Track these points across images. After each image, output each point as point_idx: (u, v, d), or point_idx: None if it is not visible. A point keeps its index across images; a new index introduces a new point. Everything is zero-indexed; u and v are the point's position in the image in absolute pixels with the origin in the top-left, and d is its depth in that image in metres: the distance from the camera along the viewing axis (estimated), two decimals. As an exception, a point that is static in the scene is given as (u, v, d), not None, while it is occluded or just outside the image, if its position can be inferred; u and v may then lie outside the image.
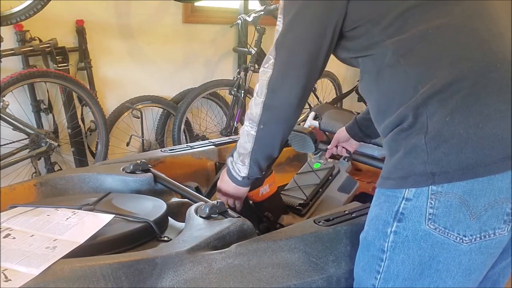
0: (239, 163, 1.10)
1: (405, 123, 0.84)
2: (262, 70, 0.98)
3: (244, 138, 1.06)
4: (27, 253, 0.85)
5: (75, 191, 1.33)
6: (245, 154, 1.07)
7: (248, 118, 1.03)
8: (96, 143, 2.61)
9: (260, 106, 0.99)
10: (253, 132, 1.02)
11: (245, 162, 1.08)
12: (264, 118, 1.00)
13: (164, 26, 2.95)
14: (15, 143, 2.30)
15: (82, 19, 2.57)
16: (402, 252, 0.85)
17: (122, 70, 2.82)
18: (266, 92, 0.97)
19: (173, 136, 2.88)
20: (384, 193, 0.88)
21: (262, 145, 1.04)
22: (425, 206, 0.80)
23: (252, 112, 1.01)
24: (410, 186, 0.82)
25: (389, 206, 0.86)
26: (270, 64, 0.95)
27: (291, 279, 0.97)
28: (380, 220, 0.88)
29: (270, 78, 0.95)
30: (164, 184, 1.32)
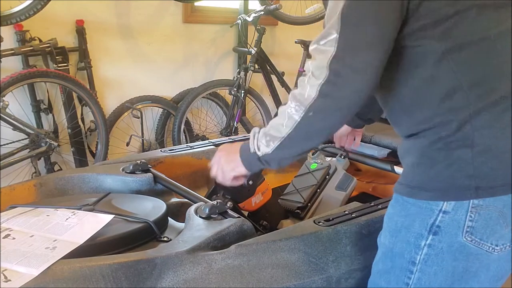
0: (263, 142, 0.94)
1: (445, 130, 0.79)
2: (316, 48, 0.82)
3: (282, 119, 0.89)
4: (27, 254, 0.84)
5: (74, 192, 1.33)
6: (276, 137, 0.91)
7: (295, 99, 0.86)
8: (96, 143, 2.61)
9: (316, 89, 0.82)
10: (296, 116, 0.86)
11: (270, 144, 0.92)
12: (318, 105, 0.83)
13: (164, 26, 2.95)
14: (15, 143, 2.30)
15: (82, 19, 2.57)
16: (435, 265, 0.83)
17: (122, 70, 2.82)
18: (328, 74, 0.80)
19: (173, 136, 2.88)
20: (416, 203, 0.83)
21: (301, 135, 0.88)
22: (464, 219, 0.78)
23: (303, 93, 0.84)
24: (451, 199, 0.79)
25: (423, 219, 0.82)
26: (331, 41, 0.79)
27: (291, 279, 0.97)
28: (411, 232, 0.84)
29: (332, 57, 0.79)
30: (164, 184, 1.32)
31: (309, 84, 0.83)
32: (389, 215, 0.91)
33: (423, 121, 0.83)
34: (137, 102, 2.81)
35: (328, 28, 0.80)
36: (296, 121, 0.86)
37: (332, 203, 1.45)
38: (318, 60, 0.82)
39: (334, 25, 0.78)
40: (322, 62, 0.80)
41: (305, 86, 0.84)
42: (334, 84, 0.80)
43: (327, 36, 0.80)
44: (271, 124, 0.93)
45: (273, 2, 3.10)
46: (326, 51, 0.79)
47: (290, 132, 0.88)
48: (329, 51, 0.79)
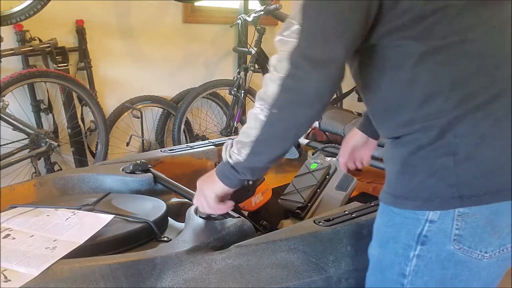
0: (234, 151, 0.87)
1: (426, 137, 0.77)
2: (280, 40, 0.77)
3: (250, 122, 0.84)
4: (27, 254, 0.85)
5: (74, 191, 1.33)
6: (246, 143, 0.84)
7: (259, 98, 0.81)
8: (96, 143, 2.61)
9: (278, 84, 0.77)
10: (262, 116, 0.80)
11: (242, 152, 0.85)
12: (281, 100, 0.78)
13: (164, 26, 2.94)
14: (15, 143, 2.30)
15: (82, 19, 2.57)
16: (425, 275, 0.81)
17: (122, 70, 2.82)
18: (289, 67, 0.75)
19: (173, 136, 2.88)
20: (401, 213, 0.81)
21: (270, 136, 0.82)
22: (451, 228, 0.77)
23: (266, 91, 0.79)
24: (436, 209, 0.77)
25: (410, 229, 0.80)
26: (292, 32, 0.75)
27: (291, 279, 0.97)
28: (399, 243, 0.82)
29: (294, 49, 0.74)
30: (164, 184, 1.32)
31: (271, 80, 0.78)
32: (377, 226, 0.89)
33: (404, 125, 0.80)
34: (137, 102, 2.81)
35: (290, 18, 0.76)
36: (262, 122, 0.80)
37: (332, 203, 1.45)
38: (280, 53, 0.77)
39: (296, 16, 0.75)
40: (284, 54, 0.76)
41: (267, 83, 0.79)
42: (295, 77, 0.76)
43: (289, 27, 0.76)
44: (241, 130, 0.86)
45: (273, 2, 3.10)
46: (288, 43, 0.75)
47: (258, 134, 0.82)
48: (291, 42, 0.75)
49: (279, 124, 0.81)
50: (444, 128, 0.75)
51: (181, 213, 1.20)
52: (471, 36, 0.75)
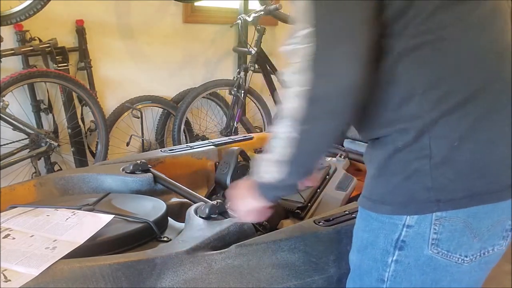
0: (264, 169, 0.83)
1: (402, 140, 0.75)
2: (292, 50, 0.71)
3: (277, 141, 0.79)
4: (27, 254, 0.85)
5: (74, 191, 1.33)
6: (278, 161, 0.80)
7: (286, 116, 0.76)
8: (96, 143, 2.61)
9: (303, 97, 0.71)
10: (294, 134, 0.75)
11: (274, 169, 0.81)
12: (310, 114, 0.73)
13: (164, 26, 2.94)
14: (15, 143, 2.30)
15: (82, 19, 2.57)
16: (404, 281, 0.80)
17: (122, 70, 2.82)
18: (312, 76, 0.69)
19: (173, 136, 2.88)
20: (378, 218, 0.80)
21: (307, 151, 0.78)
22: (428, 232, 0.76)
23: (290, 107, 0.74)
24: (413, 213, 0.75)
25: (387, 234, 0.79)
26: (305, 36, 0.69)
27: (291, 279, 0.97)
28: (377, 249, 0.81)
29: (311, 55, 0.68)
30: (164, 184, 1.32)
31: (294, 94, 0.73)
32: (356, 230, 0.87)
33: (382, 127, 0.78)
34: (137, 102, 2.81)
35: (301, 23, 0.70)
36: (296, 139, 0.76)
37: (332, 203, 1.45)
38: (294, 64, 0.72)
39: (306, 18, 0.69)
40: (300, 65, 0.70)
41: (290, 98, 0.74)
42: (319, 85, 0.70)
43: (300, 32, 0.70)
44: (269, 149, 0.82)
45: (273, 2, 3.10)
46: (302, 50, 0.70)
47: (294, 152, 0.77)
48: (305, 49, 0.69)
49: (315, 138, 0.76)
50: (420, 130, 0.73)
51: (181, 213, 1.20)
52: (446, 34, 0.72)
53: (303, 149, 0.77)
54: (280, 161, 0.79)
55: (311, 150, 0.79)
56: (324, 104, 0.72)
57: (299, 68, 0.71)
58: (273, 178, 0.82)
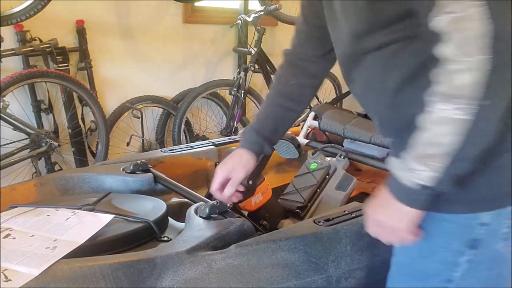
0: (417, 167, 0.69)
1: None
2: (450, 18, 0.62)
3: (440, 129, 0.67)
4: (27, 253, 0.85)
5: (75, 191, 1.33)
6: (439, 154, 0.67)
7: (448, 97, 0.65)
8: (96, 143, 2.61)
9: (478, 68, 0.61)
10: (463, 115, 0.64)
11: (434, 164, 0.68)
12: (492, 85, 0.62)
13: (164, 26, 2.94)
14: (15, 143, 2.30)
15: (82, 19, 2.57)
16: (472, 278, 0.78)
17: (122, 70, 2.82)
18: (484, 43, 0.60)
19: (173, 136, 2.88)
20: (451, 219, 0.76)
21: (480, 133, 0.66)
22: (501, 227, 0.75)
23: (457, 85, 0.63)
24: (490, 209, 0.73)
25: (461, 235, 0.76)
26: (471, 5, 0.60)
27: (291, 279, 0.97)
28: (449, 251, 0.77)
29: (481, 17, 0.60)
30: (164, 184, 1.32)
31: (463, 70, 0.62)
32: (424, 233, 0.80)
33: None
34: (137, 102, 2.81)
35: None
36: (465, 121, 0.64)
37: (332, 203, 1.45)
38: (458, 33, 0.62)
39: None
40: (468, 32, 0.61)
41: (457, 76, 0.63)
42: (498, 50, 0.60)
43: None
44: (418, 142, 0.70)
45: (273, 2, 3.10)
46: (468, 16, 0.60)
47: (460, 139, 0.66)
48: (473, 13, 0.60)
49: (493, 115, 0.65)
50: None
51: (181, 213, 1.20)
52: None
53: (474, 132, 0.65)
54: (431, 155, 0.68)
55: (485, 131, 0.66)
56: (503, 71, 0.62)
57: (465, 36, 0.61)
58: (413, 174, 0.70)
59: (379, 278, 1.10)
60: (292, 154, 1.54)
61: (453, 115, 0.65)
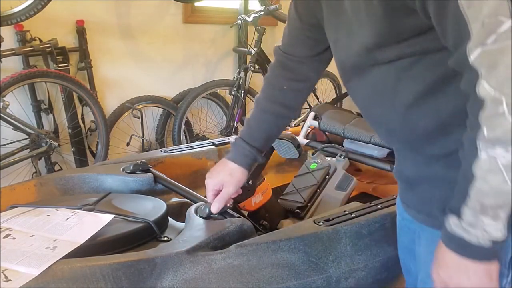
0: (483, 220, 0.64)
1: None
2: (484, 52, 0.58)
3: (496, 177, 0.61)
4: (27, 253, 0.85)
5: (75, 191, 1.33)
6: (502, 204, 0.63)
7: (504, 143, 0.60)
8: (96, 143, 2.61)
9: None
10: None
11: (499, 217, 0.63)
12: None
13: (164, 26, 2.94)
14: (15, 143, 2.30)
15: (82, 19, 2.57)
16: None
17: (122, 70, 2.82)
18: None
19: (173, 136, 2.88)
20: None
21: None
22: None
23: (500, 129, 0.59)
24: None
25: (500, 257, 0.68)
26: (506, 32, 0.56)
27: (291, 279, 0.97)
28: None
29: None
30: (164, 184, 1.32)
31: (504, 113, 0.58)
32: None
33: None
34: (137, 102, 2.81)
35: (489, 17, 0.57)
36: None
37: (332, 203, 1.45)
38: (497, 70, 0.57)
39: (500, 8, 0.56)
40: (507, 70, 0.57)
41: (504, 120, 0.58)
42: None
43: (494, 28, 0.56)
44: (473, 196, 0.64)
45: (273, 2, 3.10)
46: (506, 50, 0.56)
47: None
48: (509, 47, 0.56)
49: None
50: None
51: (181, 213, 1.20)
52: None
53: None
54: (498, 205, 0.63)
55: None
56: None
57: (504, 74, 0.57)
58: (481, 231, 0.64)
59: (379, 278, 1.10)
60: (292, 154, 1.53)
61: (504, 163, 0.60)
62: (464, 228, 0.66)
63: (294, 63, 1.03)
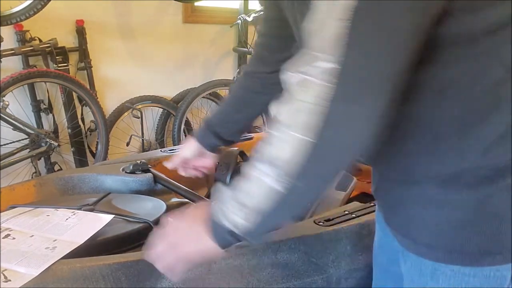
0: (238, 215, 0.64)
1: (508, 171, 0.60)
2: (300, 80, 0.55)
3: (259, 188, 0.61)
4: (27, 254, 0.84)
5: (74, 192, 1.33)
6: (255, 210, 0.63)
7: (271, 163, 0.59)
8: (96, 143, 2.61)
9: (306, 152, 0.56)
10: (278, 186, 0.59)
11: (249, 219, 0.63)
12: (308, 171, 0.57)
13: (164, 26, 2.94)
14: (15, 143, 2.30)
15: (82, 19, 2.57)
16: None
17: (122, 70, 2.82)
18: (320, 124, 0.54)
19: (173, 136, 2.88)
20: (477, 274, 0.64)
21: (288, 208, 0.63)
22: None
23: (281, 156, 0.58)
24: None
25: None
26: (322, 72, 0.53)
27: (291, 279, 0.97)
28: None
29: (331, 101, 0.53)
30: (163, 184, 1.32)
31: (288, 143, 0.57)
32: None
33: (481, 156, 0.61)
34: (137, 102, 2.81)
35: (320, 50, 0.53)
36: (279, 193, 0.60)
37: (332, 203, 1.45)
38: (302, 102, 0.55)
39: (330, 46, 0.52)
40: (307, 107, 0.54)
41: (281, 143, 0.58)
42: (329, 139, 0.55)
43: (312, 61, 0.54)
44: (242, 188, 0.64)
45: (273, 2, 3.09)
46: (315, 87, 0.53)
47: (273, 205, 0.61)
48: (321, 87, 0.53)
49: (305, 196, 0.63)
50: None
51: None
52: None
53: (283, 206, 0.61)
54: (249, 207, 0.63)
55: (295, 205, 0.64)
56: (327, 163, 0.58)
57: (301, 108, 0.55)
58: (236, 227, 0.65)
59: (379, 279, 1.09)
60: None
61: (268, 182, 0.60)
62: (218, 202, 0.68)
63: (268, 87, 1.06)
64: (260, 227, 0.64)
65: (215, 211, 0.67)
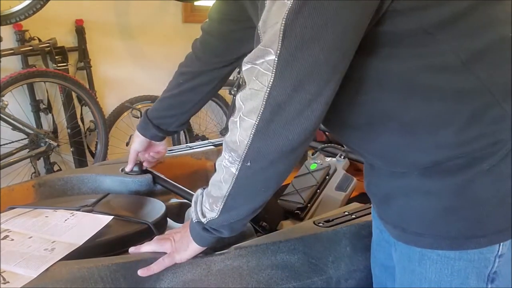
0: (206, 206, 0.76)
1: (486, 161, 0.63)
2: (251, 69, 0.62)
3: (220, 174, 0.71)
4: (26, 255, 0.84)
5: (73, 192, 1.32)
6: (218, 198, 0.72)
7: (228, 147, 0.67)
8: (95, 143, 2.61)
9: (250, 132, 0.63)
10: (233, 169, 0.67)
11: (214, 208, 0.73)
12: (254, 153, 0.64)
13: (164, 26, 2.94)
14: (14, 143, 2.30)
15: (81, 19, 2.57)
16: None
17: (122, 70, 2.82)
18: (264, 110, 0.61)
19: (172, 136, 2.88)
20: (463, 257, 0.67)
21: (244, 191, 0.70)
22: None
23: (235, 140, 0.65)
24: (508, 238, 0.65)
25: (479, 271, 0.68)
26: (268, 63, 0.58)
27: (291, 280, 0.97)
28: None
29: (270, 87, 0.59)
30: (163, 185, 1.31)
31: (241, 126, 0.64)
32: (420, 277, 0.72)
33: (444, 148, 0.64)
34: (137, 102, 2.81)
35: (265, 44, 0.59)
36: (234, 175, 0.68)
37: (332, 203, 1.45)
38: (251, 89, 0.62)
39: (273, 40, 0.57)
40: (256, 94, 0.61)
41: (236, 129, 0.65)
42: (272, 122, 0.61)
43: (264, 55, 0.59)
44: (211, 181, 0.74)
45: (273, 1, 3.09)
46: (263, 76, 0.59)
47: (230, 189, 0.69)
48: (267, 76, 0.59)
49: (255, 178, 0.68)
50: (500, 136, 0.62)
51: (180, 214, 1.20)
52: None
53: (239, 188, 0.69)
54: (215, 197, 0.72)
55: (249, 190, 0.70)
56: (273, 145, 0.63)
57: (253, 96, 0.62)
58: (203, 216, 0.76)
59: (379, 280, 1.09)
60: None
61: (226, 165, 0.69)
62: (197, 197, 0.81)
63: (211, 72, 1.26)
64: (223, 214, 0.73)
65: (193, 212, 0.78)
